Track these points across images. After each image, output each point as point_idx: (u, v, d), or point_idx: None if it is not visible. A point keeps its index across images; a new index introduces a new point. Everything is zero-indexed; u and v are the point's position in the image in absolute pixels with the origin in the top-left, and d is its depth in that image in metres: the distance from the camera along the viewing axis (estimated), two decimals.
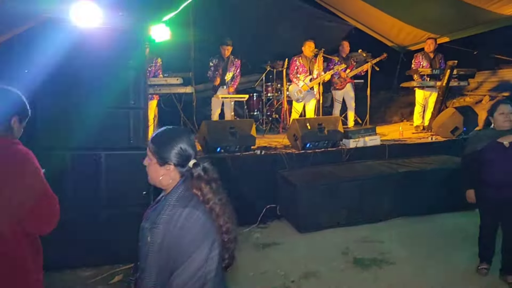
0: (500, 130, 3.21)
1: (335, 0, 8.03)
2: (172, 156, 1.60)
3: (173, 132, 1.67)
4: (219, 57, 6.75)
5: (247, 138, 5.36)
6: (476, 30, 7.04)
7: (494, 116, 3.23)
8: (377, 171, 4.96)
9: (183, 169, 1.62)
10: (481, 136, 3.32)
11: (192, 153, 1.64)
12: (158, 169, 1.62)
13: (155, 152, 1.62)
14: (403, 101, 10.29)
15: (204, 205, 1.57)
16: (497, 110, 3.21)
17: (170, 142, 1.62)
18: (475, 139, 3.37)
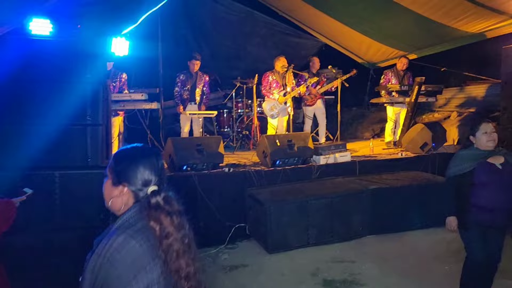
0: (484, 150, 3.05)
1: (305, 16, 8.06)
2: (128, 176, 1.43)
3: (137, 151, 1.51)
4: (187, 72, 6.61)
5: (214, 156, 5.19)
6: (442, 47, 7.16)
7: (477, 136, 3.06)
8: (347, 188, 4.86)
9: (139, 195, 1.43)
10: (466, 156, 3.07)
11: (153, 178, 1.45)
12: (111, 189, 1.45)
13: (112, 168, 1.47)
14: (374, 117, 10.37)
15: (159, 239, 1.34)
16: (479, 129, 3.05)
17: (129, 161, 1.45)
18: (460, 160, 3.10)
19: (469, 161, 3.04)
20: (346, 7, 6.75)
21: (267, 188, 4.99)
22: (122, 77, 5.87)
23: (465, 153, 3.10)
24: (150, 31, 7.51)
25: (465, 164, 3.05)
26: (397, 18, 6.46)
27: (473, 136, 3.08)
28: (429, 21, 6.15)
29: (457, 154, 3.16)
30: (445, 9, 5.69)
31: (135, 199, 1.44)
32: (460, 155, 3.12)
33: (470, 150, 3.09)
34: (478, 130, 3.05)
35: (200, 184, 4.93)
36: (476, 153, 3.04)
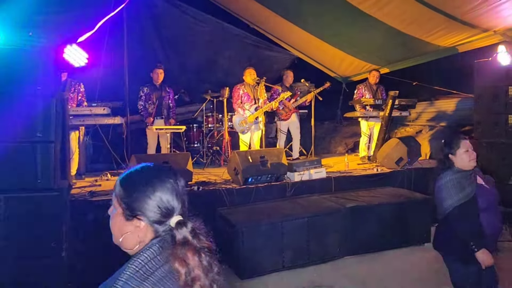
0: (467, 170, 2.76)
1: (277, 29, 7.89)
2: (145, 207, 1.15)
3: (151, 173, 1.23)
4: (151, 85, 6.27)
5: (182, 173, 4.80)
6: (415, 62, 7.12)
7: (457, 154, 2.73)
8: (323, 206, 4.62)
9: (161, 228, 1.15)
10: (463, 180, 2.69)
11: (176, 205, 1.19)
12: (123, 224, 1.17)
13: (120, 198, 1.19)
14: (347, 131, 10.28)
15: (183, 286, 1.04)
16: (460, 147, 2.74)
17: (144, 187, 1.17)
18: (459, 185, 2.69)
19: (468, 185, 2.68)
20: (317, 19, 6.61)
21: (239, 207, 4.69)
22: (80, 88, 5.45)
23: (458, 177, 2.71)
24: (115, 41, 7.19)
25: (468, 189, 2.66)
26: (370, 31, 6.37)
27: (452, 154, 2.75)
28: (402, 35, 6.08)
29: (448, 180, 2.70)
30: (418, 22, 5.63)
31: (155, 234, 1.16)
32: (455, 180, 2.69)
33: (458, 172, 2.73)
34: (458, 148, 2.73)
35: None
36: (467, 175, 2.72)
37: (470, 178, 2.73)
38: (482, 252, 2.57)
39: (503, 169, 5.56)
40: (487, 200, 2.71)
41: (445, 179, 2.73)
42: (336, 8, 5.97)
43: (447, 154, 2.78)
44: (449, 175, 2.73)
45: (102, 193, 4.69)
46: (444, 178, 2.74)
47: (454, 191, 2.68)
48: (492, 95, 5.67)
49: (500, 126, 5.58)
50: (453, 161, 2.76)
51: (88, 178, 5.81)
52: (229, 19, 8.18)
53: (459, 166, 2.74)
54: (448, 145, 2.79)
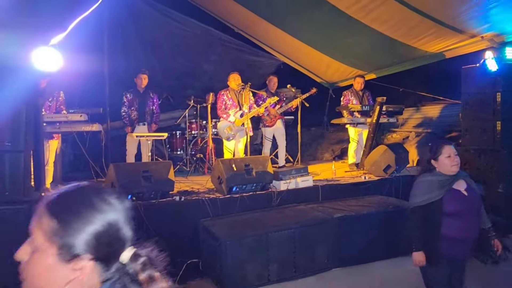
0: (448, 175, 2.79)
1: (263, 34, 7.75)
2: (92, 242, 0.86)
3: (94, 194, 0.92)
4: (134, 90, 6.06)
5: (163, 183, 4.64)
6: (402, 67, 7.05)
7: (439, 160, 2.79)
8: (310, 217, 4.45)
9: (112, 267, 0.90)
10: (434, 183, 2.77)
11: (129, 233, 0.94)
12: (57, 271, 0.85)
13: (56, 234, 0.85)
14: (333, 137, 10.19)
15: None
16: (442, 152, 2.78)
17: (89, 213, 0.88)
18: (427, 187, 2.78)
19: (437, 188, 2.75)
20: (304, 24, 6.49)
21: (223, 218, 4.50)
22: (60, 96, 5.22)
23: (431, 180, 2.80)
24: (95, 46, 6.97)
25: (434, 192, 2.75)
26: (357, 36, 6.27)
27: (435, 160, 2.81)
28: (390, 40, 5.99)
29: (422, 180, 2.84)
30: (406, 27, 5.54)
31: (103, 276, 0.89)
32: (426, 182, 2.81)
33: (435, 175, 2.80)
34: (440, 154, 2.79)
35: (147, 215, 4.35)
36: (443, 179, 2.78)
37: (445, 182, 2.77)
38: (417, 253, 2.77)
39: (492, 176, 5.49)
40: (460, 206, 2.73)
41: (422, 179, 2.84)
42: (322, 12, 5.85)
43: (429, 159, 2.85)
44: (427, 176, 2.83)
45: None
46: (421, 177, 2.86)
47: (420, 192, 2.81)
48: (480, 102, 5.61)
49: (488, 133, 5.52)
50: (435, 166, 2.82)
51: None
52: (214, 23, 8.02)
53: (441, 171, 2.80)
54: (431, 150, 2.87)
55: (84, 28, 6.98)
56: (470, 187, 2.83)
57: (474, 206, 2.80)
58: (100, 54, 6.91)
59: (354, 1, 5.27)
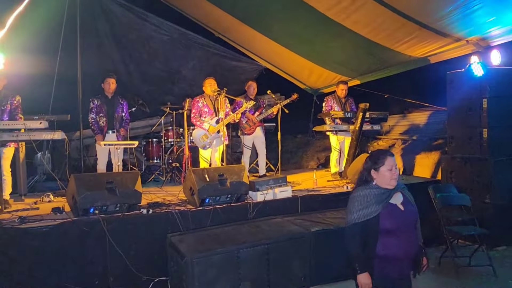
0: (384, 188, 2.56)
1: (243, 38, 7.49)
2: None
3: None
4: (102, 96, 5.75)
5: (130, 195, 4.32)
6: (386, 73, 6.82)
7: (380, 171, 2.55)
8: (286, 231, 4.15)
9: None
10: (371, 197, 2.55)
11: None
12: None
13: None
14: (319, 145, 9.94)
15: None
16: (385, 163, 2.55)
17: None
18: (364, 202, 2.55)
19: (374, 203, 2.53)
20: (284, 27, 6.24)
21: (193, 233, 4.18)
22: (14, 100, 4.85)
23: (368, 193, 2.57)
24: (69, 50, 6.69)
25: (371, 208, 2.52)
26: (339, 40, 6.03)
27: (375, 170, 2.59)
28: (372, 44, 5.75)
29: (358, 194, 2.60)
30: (389, 30, 5.30)
31: None
32: (361, 196, 2.58)
33: (371, 189, 2.58)
34: (383, 165, 2.56)
35: (111, 231, 4.04)
36: (380, 193, 2.56)
37: (382, 196, 2.55)
38: (362, 275, 2.52)
39: (478, 186, 5.26)
40: (398, 222, 2.53)
41: (358, 192, 2.62)
42: (302, 15, 5.61)
43: (369, 168, 2.64)
44: (362, 190, 2.61)
45: (36, 218, 4.11)
46: (358, 191, 2.63)
47: (356, 207, 2.57)
48: (466, 108, 5.39)
49: (475, 140, 5.30)
50: (374, 177, 2.61)
51: (29, 199, 5.21)
52: (193, 27, 7.75)
53: (378, 183, 2.59)
54: (373, 160, 2.64)
55: (55, 30, 6.74)
56: (406, 200, 2.63)
57: (411, 221, 2.60)
58: (73, 58, 6.64)
59: (334, 2, 5.03)
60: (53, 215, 4.28)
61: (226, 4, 6.25)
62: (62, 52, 6.78)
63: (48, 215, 4.29)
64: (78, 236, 3.95)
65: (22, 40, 6.57)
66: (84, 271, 3.94)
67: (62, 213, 4.34)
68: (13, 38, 6.33)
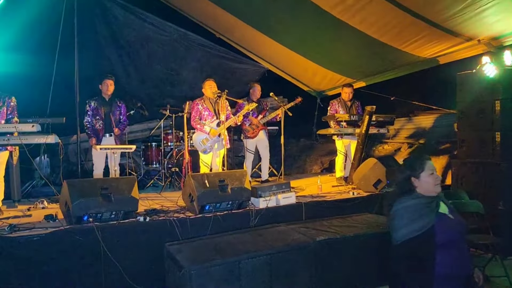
0: (429, 196, 2.31)
1: (245, 39, 7.30)
2: None
3: None
4: (99, 98, 5.56)
5: (126, 201, 4.11)
6: (392, 74, 6.61)
7: (421, 178, 2.32)
8: (290, 240, 3.92)
9: None
10: (420, 208, 2.26)
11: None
12: None
13: None
14: (323, 149, 9.72)
15: None
16: (425, 169, 2.31)
17: None
18: (412, 214, 2.25)
19: (427, 214, 2.24)
20: (287, 27, 6.03)
21: (192, 242, 3.95)
22: (10, 102, 4.66)
23: (417, 203, 2.29)
24: (66, 51, 6.53)
25: (425, 219, 2.22)
26: (344, 40, 5.82)
27: (416, 178, 2.33)
28: (379, 44, 5.54)
29: (404, 206, 2.31)
30: (397, 29, 5.09)
31: None
32: (411, 207, 2.28)
33: (417, 198, 2.31)
34: (423, 171, 2.32)
35: (105, 239, 3.83)
36: (428, 202, 2.29)
37: (431, 206, 2.28)
38: None
39: (491, 192, 5.02)
40: (452, 235, 2.25)
41: (403, 204, 2.33)
42: (306, 14, 5.41)
43: (408, 176, 2.38)
44: (408, 201, 2.33)
45: (27, 226, 3.90)
46: (401, 203, 2.34)
47: (405, 221, 2.27)
48: (477, 111, 5.16)
49: (487, 144, 5.06)
50: (416, 185, 2.35)
51: (23, 205, 5.02)
52: (194, 28, 7.56)
53: (422, 191, 2.33)
54: (411, 166, 2.39)
55: (53, 30, 6.57)
56: (451, 209, 2.38)
57: (462, 232, 2.33)
58: (70, 59, 6.50)
59: (339, 0, 4.82)
60: (45, 222, 4.08)
61: (227, 3, 6.05)
62: (59, 53, 6.65)
63: (40, 222, 4.08)
64: (71, 246, 3.74)
65: (17, 40, 6.42)
66: (77, 281, 3.74)
67: (55, 221, 4.14)
68: (7, 37, 6.19)
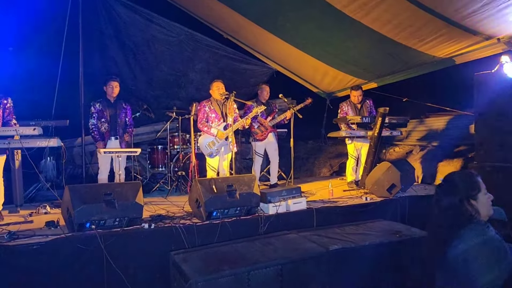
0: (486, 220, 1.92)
1: (253, 39, 7.12)
2: None
3: None
4: (103, 100, 5.40)
5: (130, 208, 3.94)
6: (406, 75, 6.38)
7: (479, 199, 1.92)
8: (302, 249, 3.72)
9: None
10: (495, 240, 1.81)
11: None
12: None
13: None
14: (331, 151, 9.51)
15: None
16: (481, 188, 1.93)
17: None
18: (496, 251, 1.78)
19: (503, 248, 1.81)
20: (297, 26, 5.84)
21: (199, 251, 3.77)
22: (6, 104, 4.48)
23: (493, 236, 1.84)
24: (70, 51, 6.39)
25: (509, 257, 1.78)
26: (356, 40, 5.62)
27: (474, 200, 1.91)
28: (393, 43, 5.33)
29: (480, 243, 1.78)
30: (412, 28, 4.87)
31: None
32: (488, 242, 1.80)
33: (489, 227, 1.87)
34: (479, 191, 1.92)
35: (108, 247, 3.66)
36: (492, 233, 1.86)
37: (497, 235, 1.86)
38: None
39: None
40: None
41: (475, 240, 1.78)
42: (317, 13, 5.21)
43: (467, 198, 1.91)
44: (480, 234, 1.80)
45: (27, 233, 3.74)
46: (471, 238, 1.80)
47: (487, 264, 1.73)
48: (497, 112, 4.93)
49: (507, 147, 4.83)
50: (476, 208, 1.90)
51: (25, 210, 4.87)
52: (201, 28, 7.39)
53: (482, 216, 1.91)
54: (466, 187, 1.93)
55: (59, 31, 6.44)
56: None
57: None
58: (75, 60, 6.36)
59: None
60: (46, 229, 3.92)
61: (235, 2, 5.88)
62: (64, 54, 6.52)
63: (41, 229, 3.92)
64: (72, 254, 3.58)
65: (22, 41, 6.30)
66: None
67: (56, 227, 3.98)
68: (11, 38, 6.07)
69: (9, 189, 4.89)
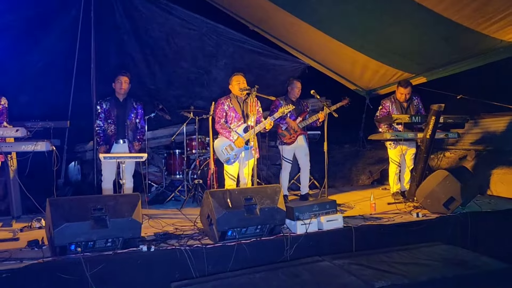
0: None
1: (284, 31, 6.31)
2: None
3: None
4: (111, 99, 4.75)
5: (125, 226, 3.23)
6: (463, 66, 5.37)
7: None
8: (337, 285, 2.87)
9: None
10: None
11: None
12: None
13: None
14: (371, 156, 8.56)
15: None
16: None
17: None
18: None
19: None
20: (332, 10, 4.98)
21: (206, 283, 3.00)
22: (0, 102, 3.94)
23: None
24: (83, 46, 5.99)
25: None
26: (404, 23, 4.69)
27: None
28: (450, 25, 4.34)
29: None
30: (477, 3, 3.89)
31: None
32: None
33: None
34: None
35: (95, 276, 2.96)
36: None
37: None
38: None
39: None
40: None
41: None
42: None
43: None
44: None
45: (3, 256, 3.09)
46: None
47: None
48: None
49: None
50: None
51: (21, 223, 4.29)
52: (225, 20, 6.70)
53: None
54: None
55: (72, 26, 5.99)
56: None
57: None
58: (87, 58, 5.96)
59: None
60: (27, 251, 3.28)
61: None
62: (79, 52, 6.11)
63: (21, 251, 3.28)
64: (51, 285, 2.91)
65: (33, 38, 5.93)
66: None
67: (41, 248, 3.33)
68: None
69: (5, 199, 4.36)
